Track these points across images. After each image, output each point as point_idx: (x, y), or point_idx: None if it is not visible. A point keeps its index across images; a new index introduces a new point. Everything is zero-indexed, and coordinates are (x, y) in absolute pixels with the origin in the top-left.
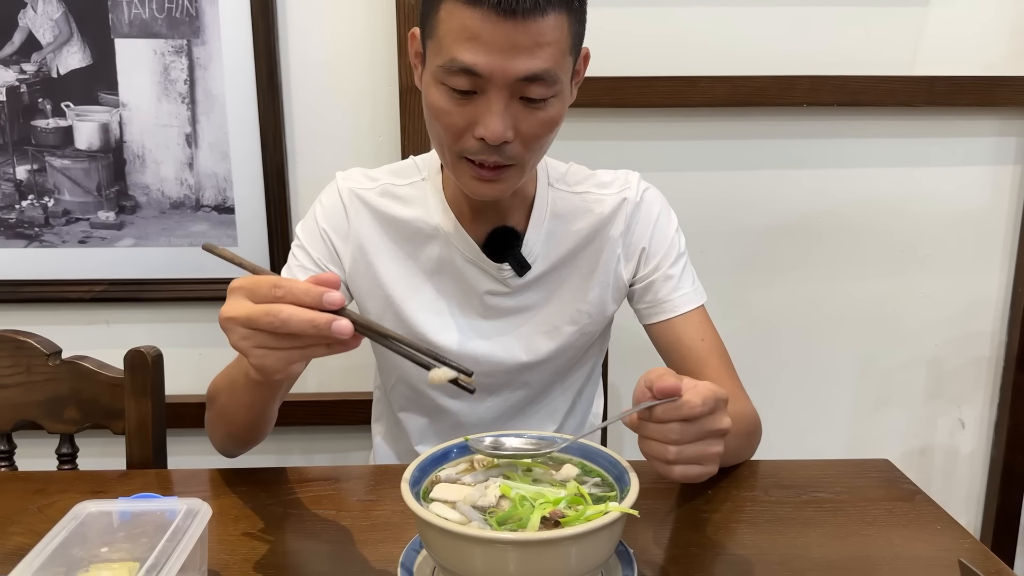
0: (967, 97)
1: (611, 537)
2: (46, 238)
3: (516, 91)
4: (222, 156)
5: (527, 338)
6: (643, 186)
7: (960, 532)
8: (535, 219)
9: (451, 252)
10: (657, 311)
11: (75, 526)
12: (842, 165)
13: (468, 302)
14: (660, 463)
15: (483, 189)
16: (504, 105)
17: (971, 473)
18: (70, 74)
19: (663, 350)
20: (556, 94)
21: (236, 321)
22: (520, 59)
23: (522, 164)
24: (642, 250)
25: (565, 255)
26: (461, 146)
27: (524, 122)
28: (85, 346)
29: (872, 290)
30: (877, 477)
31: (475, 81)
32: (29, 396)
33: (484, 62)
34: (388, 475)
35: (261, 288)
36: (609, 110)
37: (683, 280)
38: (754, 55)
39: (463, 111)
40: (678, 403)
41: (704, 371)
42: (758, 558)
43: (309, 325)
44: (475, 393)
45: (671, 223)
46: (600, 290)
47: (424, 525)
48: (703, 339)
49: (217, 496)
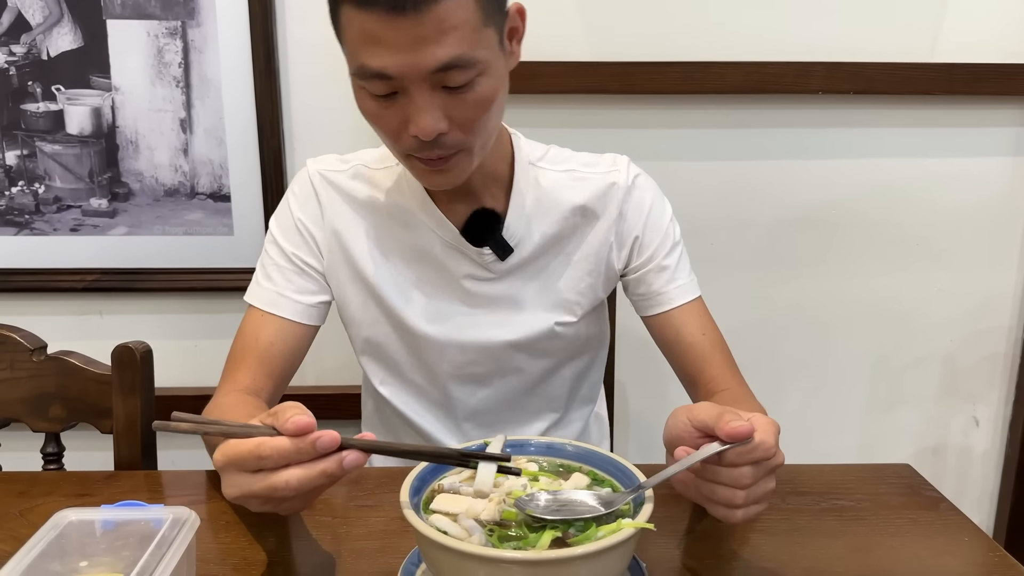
0: (987, 86)
1: (624, 555)
2: (37, 226)
3: (435, 82)
4: (218, 142)
5: (514, 325)
6: (634, 171)
7: (988, 544)
8: (515, 199)
9: (430, 237)
10: (654, 303)
11: (54, 536)
12: (857, 155)
13: (451, 288)
14: (723, 508)
15: (437, 180)
16: (427, 99)
17: (985, 472)
18: (61, 56)
19: (664, 344)
20: (481, 72)
21: (246, 498)
22: (427, 52)
23: (468, 148)
24: (635, 239)
25: (551, 238)
26: (402, 146)
27: (455, 109)
28: (77, 337)
29: (885, 285)
30: (898, 483)
31: (391, 83)
32: (12, 393)
33: (392, 64)
34: (388, 478)
35: (247, 461)
36: (618, 96)
37: (679, 271)
38: (768, 40)
39: (392, 113)
40: (753, 445)
41: (708, 368)
42: (778, 572)
43: (323, 478)
44: (468, 387)
45: (665, 211)
46: (591, 278)
47: (424, 540)
48: (704, 333)
49: (208, 500)
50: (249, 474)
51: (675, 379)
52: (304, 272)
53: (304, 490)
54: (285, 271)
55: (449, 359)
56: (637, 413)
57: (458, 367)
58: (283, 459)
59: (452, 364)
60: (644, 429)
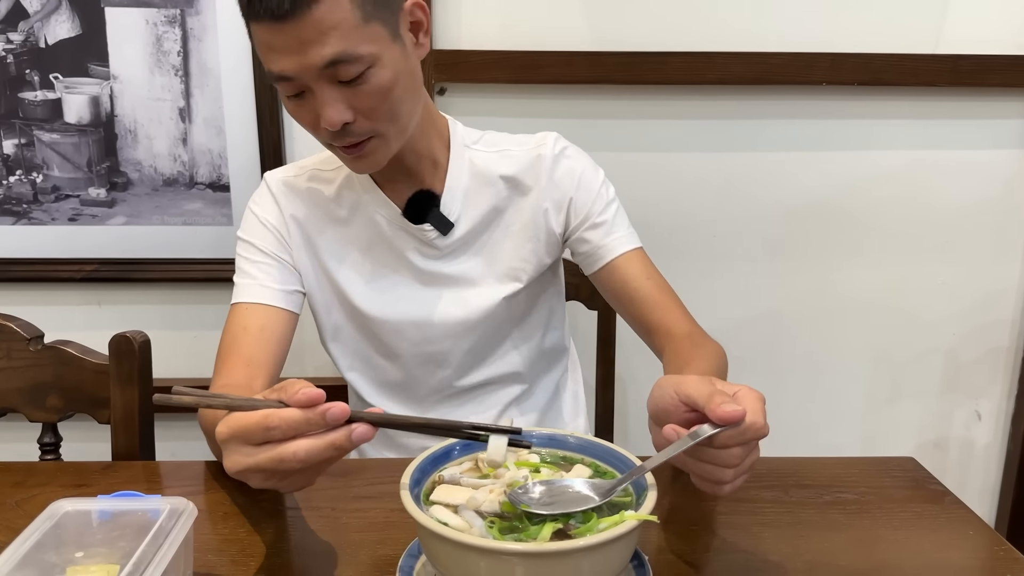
0: (993, 77)
1: (626, 547)
2: (35, 215)
3: (330, 77)
4: (217, 131)
5: (466, 299)
6: (562, 144)
7: (993, 538)
8: (451, 178)
9: (379, 223)
10: (596, 258)
11: (50, 527)
12: (861, 147)
13: (402, 269)
14: (712, 484)
15: (359, 165)
16: (328, 94)
17: (986, 466)
18: (58, 44)
19: (613, 296)
20: (371, 65)
21: (249, 472)
22: (312, 52)
23: (381, 134)
24: (570, 201)
25: (489, 212)
26: (321, 137)
27: (355, 100)
28: (76, 327)
29: (888, 278)
30: (903, 476)
31: (294, 83)
32: (9, 382)
33: (287, 66)
34: (388, 470)
35: (253, 433)
36: (620, 87)
37: (616, 225)
38: (773, 31)
39: (305, 110)
40: (743, 428)
41: (656, 311)
42: (781, 565)
43: (331, 450)
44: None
45: (597, 175)
46: (533, 244)
47: (425, 532)
48: (649, 278)
49: (206, 491)
50: (254, 447)
51: None
52: (278, 263)
53: (311, 462)
54: (260, 265)
55: (407, 338)
56: (638, 407)
57: (416, 344)
58: (291, 430)
59: (410, 343)
60: (644, 423)
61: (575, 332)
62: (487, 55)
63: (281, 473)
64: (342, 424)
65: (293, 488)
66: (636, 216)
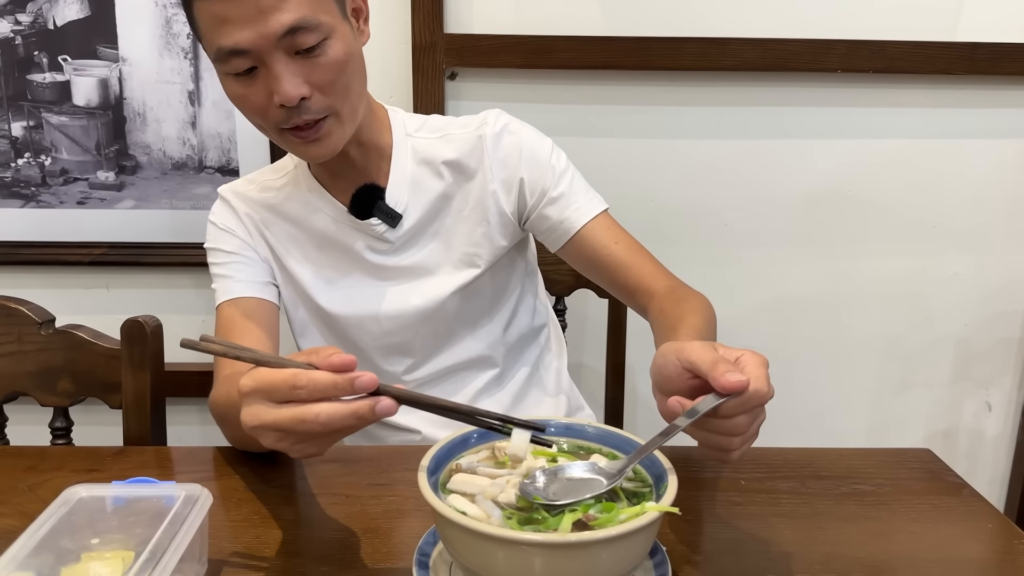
0: (1011, 65)
1: (646, 539)
2: (43, 198)
3: (288, 48)
4: (226, 115)
5: (419, 288)
6: (503, 119)
7: (1013, 532)
8: (395, 168)
9: (326, 220)
10: (559, 233)
11: (65, 512)
12: (876, 136)
13: (356, 266)
14: (718, 452)
15: (315, 150)
16: (284, 66)
17: (996, 457)
18: (67, 26)
19: (584, 266)
20: (327, 36)
21: (265, 428)
22: (271, 18)
23: (337, 112)
24: (520, 181)
25: (436, 199)
26: (272, 120)
27: (311, 73)
28: (85, 311)
29: (900, 266)
30: (919, 468)
31: (248, 58)
32: (20, 366)
33: (243, 37)
34: (403, 457)
35: (279, 390)
36: (633, 72)
37: (573, 195)
38: (787, 17)
39: (255, 89)
40: (747, 396)
41: (631, 272)
42: (799, 557)
43: (353, 418)
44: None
45: (543, 146)
46: (484, 228)
47: (444, 521)
48: (616, 242)
49: (219, 477)
50: (276, 404)
51: None
52: (248, 260)
53: (331, 428)
54: (230, 265)
55: (368, 332)
56: (647, 396)
57: (377, 338)
58: (318, 392)
59: (372, 337)
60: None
61: (584, 320)
62: (498, 39)
63: (298, 435)
64: (369, 395)
65: (304, 454)
66: (647, 203)
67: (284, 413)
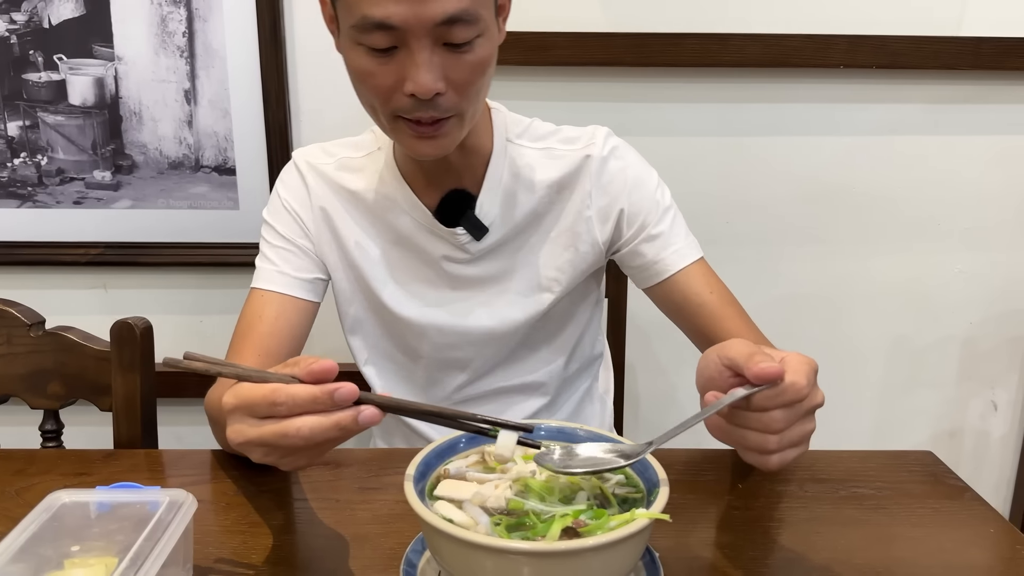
0: (1016, 60)
1: (637, 546)
2: (39, 198)
3: (438, 38)
4: (223, 114)
5: (495, 308)
6: (612, 142)
7: (1016, 537)
8: (490, 179)
9: (407, 221)
10: (652, 273)
11: (47, 519)
12: (880, 132)
13: (430, 271)
14: (755, 454)
15: (425, 148)
16: (428, 55)
17: (1002, 457)
18: (62, 24)
19: (672, 312)
20: (481, 33)
21: (251, 444)
22: (435, 3)
23: (460, 114)
24: (620, 212)
25: (527, 216)
26: (393, 106)
27: (453, 69)
28: (81, 311)
29: (905, 264)
30: (921, 471)
31: (393, 35)
32: (9, 368)
33: (398, 13)
34: (393, 460)
35: (259, 406)
36: (633, 69)
37: (673, 236)
38: (788, 12)
39: (387, 69)
40: (782, 388)
41: (722, 324)
42: (796, 562)
43: (336, 430)
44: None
45: (650, 178)
46: (570, 254)
47: (429, 529)
48: (712, 292)
49: (209, 481)
50: (258, 420)
51: (686, 361)
52: (299, 250)
53: (314, 441)
54: (280, 251)
55: (430, 341)
56: (647, 395)
57: (438, 349)
58: (297, 407)
59: (433, 346)
60: (654, 411)
61: None
62: None
63: (283, 449)
64: (350, 405)
65: (294, 466)
66: None
67: (267, 429)
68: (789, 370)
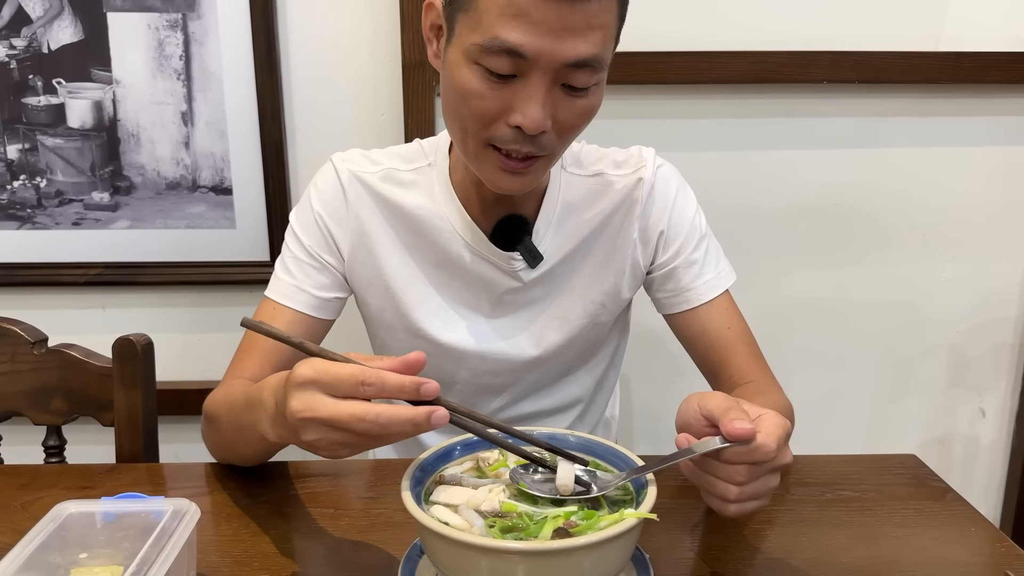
0: (994, 74)
1: (627, 545)
2: (39, 220)
3: (559, 77)
4: (219, 135)
5: (537, 333)
6: (658, 163)
7: (995, 535)
8: (547, 207)
9: (458, 244)
10: (679, 300)
11: (54, 528)
12: (863, 145)
13: (475, 297)
14: (717, 500)
15: (508, 182)
16: (546, 91)
17: (991, 463)
18: (61, 49)
19: (687, 342)
20: (598, 81)
21: (317, 421)
22: (570, 42)
23: (552, 155)
24: (660, 234)
25: (579, 244)
26: (491, 133)
27: (563, 111)
28: (80, 331)
29: (892, 275)
30: (904, 474)
31: (517, 64)
32: (13, 386)
33: (532, 43)
34: (390, 470)
35: (343, 384)
36: (621, 87)
37: (707, 265)
38: (773, 30)
39: (499, 95)
40: (752, 447)
41: (732, 360)
42: (783, 562)
43: (410, 425)
44: (485, 396)
45: (689, 202)
46: (616, 278)
47: (426, 531)
48: (729, 327)
49: (210, 492)
50: (336, 397)
51: (681, 373)
52: (322, 267)
53: (388, 431)
54: (303, 265)
55: (470, 367)
56: (642, 407)
57: (477, 375)
58: (384, 391)
59: (472, 372)
60: (649, 422)
61: None
62: None
63: (350, 433)
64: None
65: (336, 455)
66: None
67: (344, 408)
68: (762, 431)
